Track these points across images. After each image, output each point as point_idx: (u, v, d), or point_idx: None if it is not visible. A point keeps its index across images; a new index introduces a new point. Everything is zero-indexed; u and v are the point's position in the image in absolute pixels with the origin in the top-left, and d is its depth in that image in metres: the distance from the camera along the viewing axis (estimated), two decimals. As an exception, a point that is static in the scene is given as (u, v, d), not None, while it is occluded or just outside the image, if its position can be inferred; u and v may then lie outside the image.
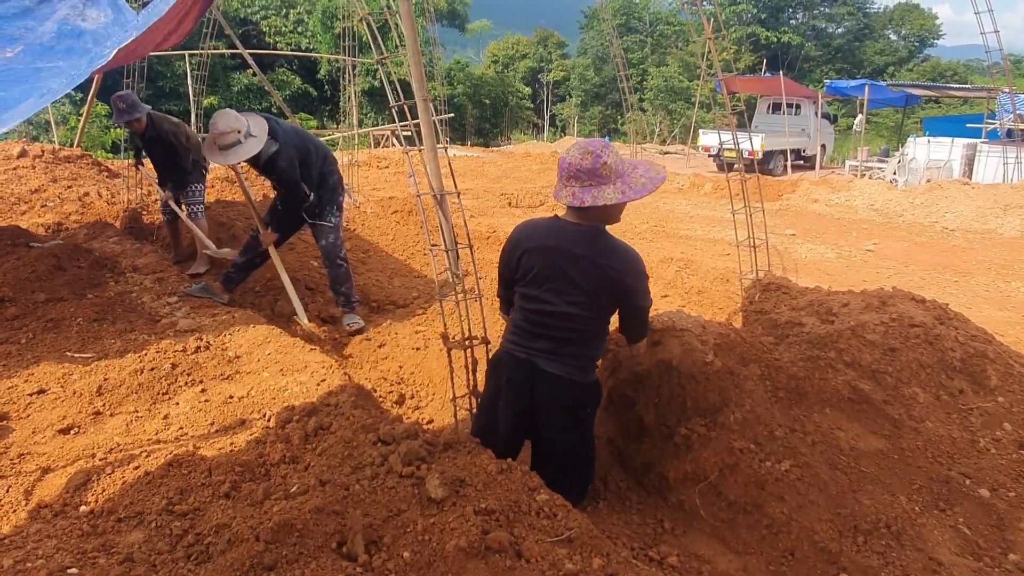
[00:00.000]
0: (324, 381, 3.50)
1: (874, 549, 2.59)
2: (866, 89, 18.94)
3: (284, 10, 30.42)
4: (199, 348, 4.01)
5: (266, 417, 3.21)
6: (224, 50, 19.81)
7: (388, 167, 16.58)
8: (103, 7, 4.88)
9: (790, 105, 19.70)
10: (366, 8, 3.48)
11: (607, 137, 31.14)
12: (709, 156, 19.77)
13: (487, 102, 36.07)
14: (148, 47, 5.58)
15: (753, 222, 5.19)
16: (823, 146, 20.05)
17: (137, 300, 4.80)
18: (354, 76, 13.12)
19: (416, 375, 4.53)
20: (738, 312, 4.98)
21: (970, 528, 2.71)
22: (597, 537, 2.18)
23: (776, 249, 8.29)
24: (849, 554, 2.56)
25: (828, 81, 24.07)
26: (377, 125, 25.30)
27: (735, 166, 5.47)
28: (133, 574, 2.03)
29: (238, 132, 4.54)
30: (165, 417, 3.30)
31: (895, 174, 16.11)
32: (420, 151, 3.34)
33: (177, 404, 3.44)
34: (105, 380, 3.61)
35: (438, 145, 3.33)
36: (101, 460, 2.90)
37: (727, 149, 11.08)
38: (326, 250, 5.18)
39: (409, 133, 3.41)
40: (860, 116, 20.43)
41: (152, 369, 3.73)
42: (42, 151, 9.08)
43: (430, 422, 4.07)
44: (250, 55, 10.61)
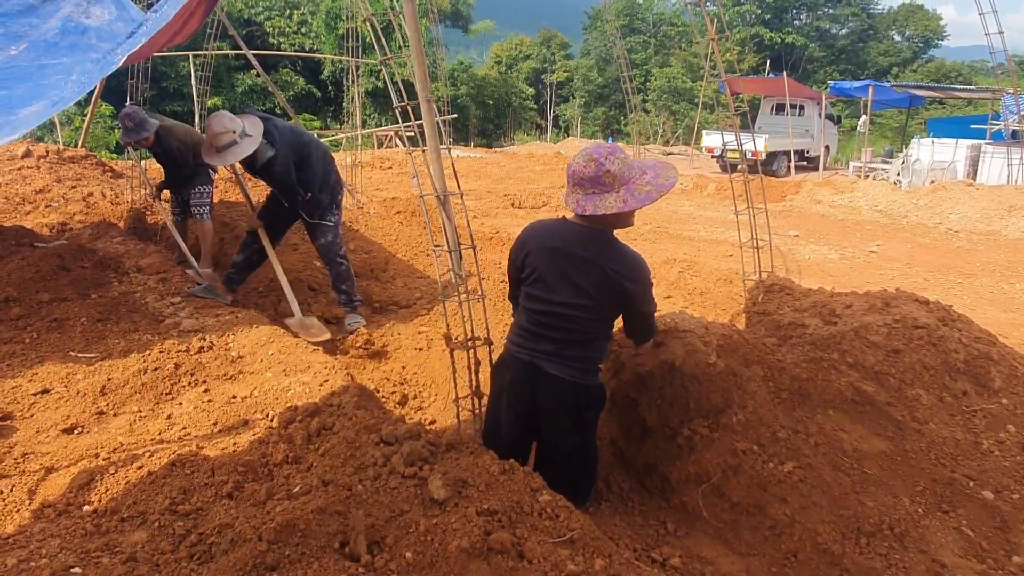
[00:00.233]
0: (327, 381, 3.50)
1: (877, 551, 2.58)
2: (870, 90, 18.91)
3: (288, 11, 30.46)
4: (202, 348, 4.02)
5: (269, 417, 3.22)
6: (228, 51, 19.85)
7: (391, 168, 16.59)
8: (106, 4, 4.89)
9: (794, 106, 19.66)
10: (370, 9, 3.48)
11: (610, 138, 31.13)
12: (712, 157, 19.74)
13: (490, 103, 36.08)
14: (154, 47, 5.60)
15: (756, 223, 5.18)
16: (827, 147, 20.02)
17: (141, 300, 4.81)
18: (358, 77, 13.16)
19: (419, 376, 4.53)
20: (741, 313, 4.97)
21: (973, 530, 2.71)
22: (599, 538, 2.18)
23: (779, 250, 8.28)
24: (852, 556, 2.56)
25: (832, 82, 24.03)
26: (380, 126, 25.33)
27: (738, 167, 5.47)
28: (136, 574, 2.04)
29: (233, 132, 4.59)
30: (168, 417, 3.31)
31: (899, 175, 16.07)
32: (423, 152, 3.35)
33: (180, 404, 3.45)
34: (109, 380, 3.62)
35: (441, 146, 3.33)
36: (104, 460, 2.91)
37: (730, 150, 11.07)
38: (325, 248, 5.19)
39: (412, 134, 3.41)
40: (864, 117, 20.38)
41: (155, 369, 3.74)
42: (46, 151, 9.10)
43: (433, 423, 4.07)
44: (254, 56, 10.63)
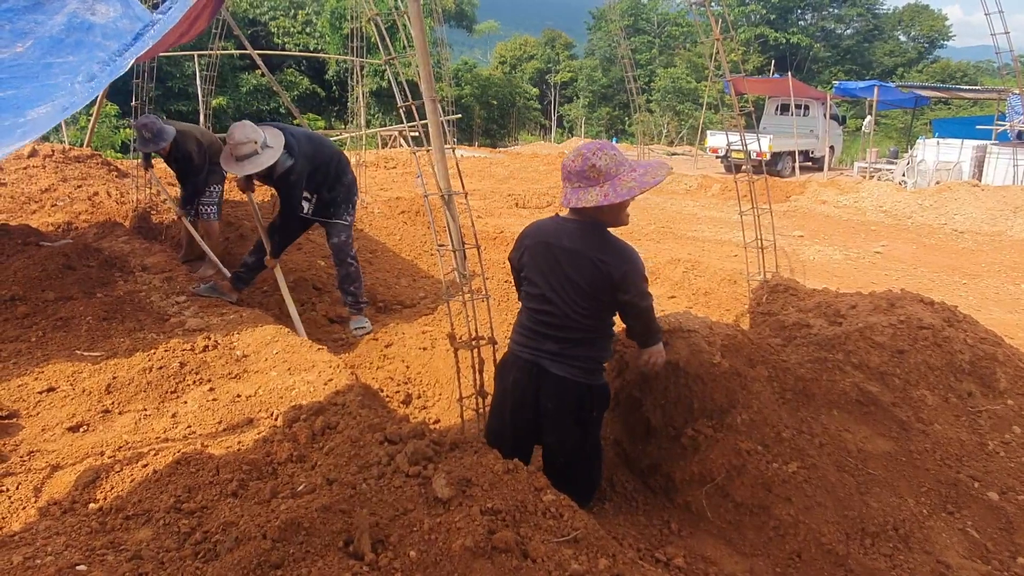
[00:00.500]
0: (331, 380, 3.50)
1: (881, 552, 2.58)
2: (875, 90, 18.89)
3: (293, 11, 30.53)
4: (207, 347, 4.03)
5: (273, 416, 3.22)
6: (233, 51, 19.89)
7: (395, 167, 16.61)
8: (112, 2, 4.90)
9: (798, 106, 19.62)
10: (375, 9, 3.49)
11: (614, 139, 31.10)
12: (717, 157, 19.72)
13: (494, 103, 36.08)
14: (161, 48, 5.61)
15: (761, 223, 5.17)
16: (831, 147, 19.98)
17: (146, 299, 4.83)
18: (362, 77, 13.17)
19: (423, 375, 4.53)
20: (745, 313, 4.96)
21: (978, 531, 2.70)
22: (603, 538, 2.18)
23: (784, 251, 8.26)
24: (856, 556, 2.55)
25: (837, 82, 24.00)
26: (385, 126, 25.35)
27: (743, 167, 5.45)
28: (141, 571, 2.04)
29: (255, 143, 4.59)
30: (173, 415, 3.32)
31: (904, 176, 16.03)
32: (428, 151, 3.35)
33: (185, 403, 3.46)
34: (114, 378, 3.63)
35: (446, 146, 3.34)
36: (110, 458, 2.91)
37: (735, 150, 11.04)
38: (337, 248, 5.21)
39: (417, 134, 3.42)
40: (869, 117, 20.32)
41: (160, 368, 3.75)
42: (52, 151, 9.13)
43: (436, 422, 4.07)
44: (259, 56, 10.64)
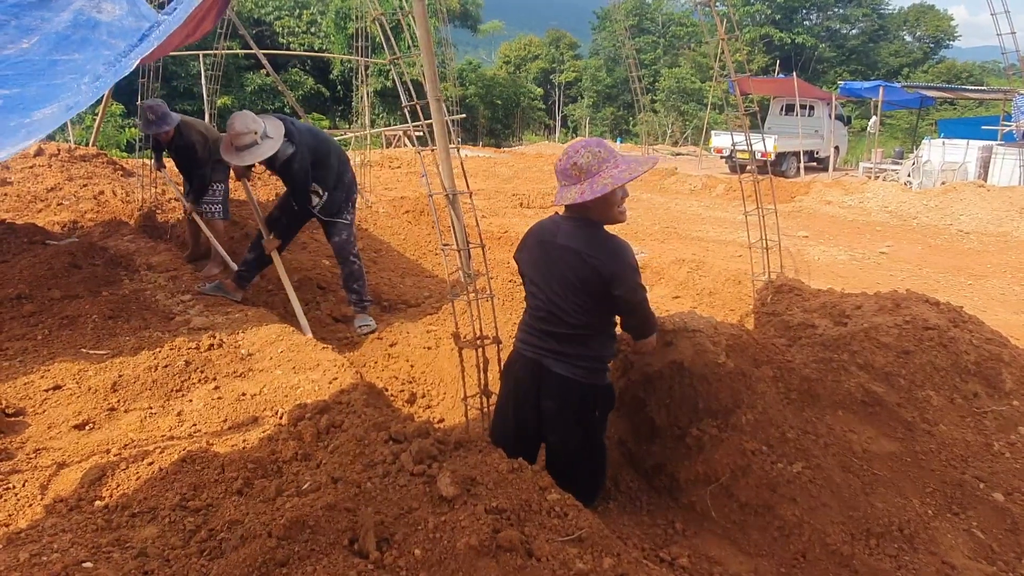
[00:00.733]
0: (336, 379, 3.51)
1: (886, 552, 2.57)
2: (880, 90, 18.81)
3: (297, 11, 30.58)
4: (212, 346, 4.04)
5: (278, 414, 3.23)
6: (238, 50, 19.93)
7: (400, 167, 16.63)
8: (118, 0, 4.90)
9: (803, 106, 19.58)
10: (379, 9, 3.49)
11: (618, 139, 31.05)
12: (721, 158, 19.68)
13: (499, 103, 36.07)
14: (168, 48, 5.62)
15: (765, 224, 5.16)
16: (836, 148, 19.91)
17: (151, 298, 4.84)
18: (367, 76, 13.17)
19: (427, 374, 4.53)
20: (750, 314, 4.96)
21: (984, 532, 2.69)
22: (608, 537, 2.18)
23: (789, 251, 8.24)
24: (861, 557, 2.55)
25: (842, 82, 23.92)
26: (389, 125, 25.37)
27: (748, 168, 5.44)
28: (147, 568, 2.05)
29: (255, 133, 4.59)
30: (179, 414, 3.33)
31: (909, 176, 15.99)
32: (433, 151, 3.35)
33: (190, 401, 3.47)
34: (120, 376, 3.64)
35: (451, 145, 3.34)
36: (116, 456, 2.92)
37: (740, 151, 11.03)
38: (339, 247, 5.21)
39: (421, 133, 3.42)
40: (874, 118, 20.28)
41: (166, 366, 3.76)
42: (58, 150, 9.17)
43: (441, 421, 4.08)
44: (264, 55, 10.67)
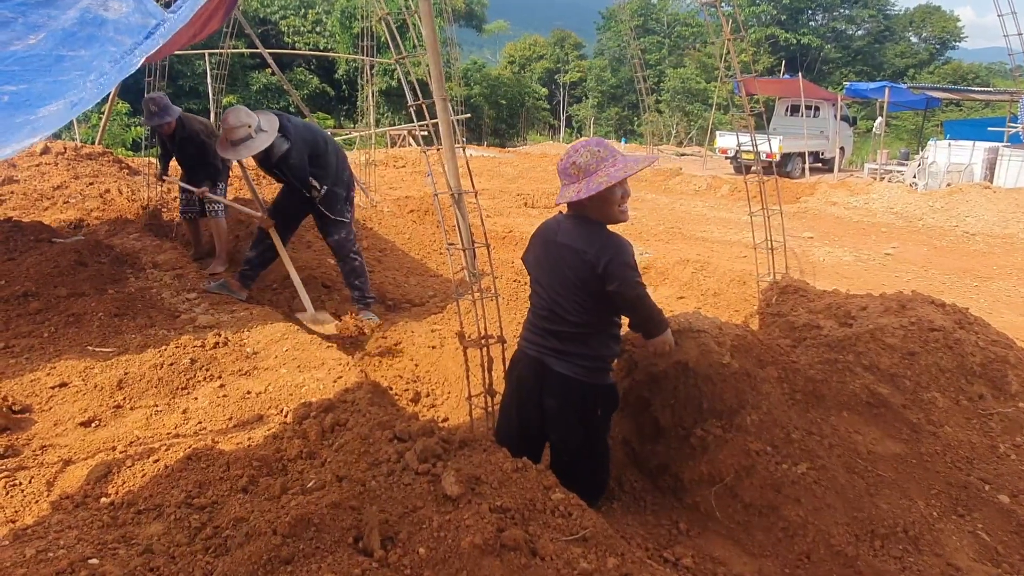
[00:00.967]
0: (341, 378, 3.52)
1: (891, 554, 2.57)
2: (886, 91, 18.78)
3: (303, 10, 30.64)
4: (217, 344, 4.05)
5: (283, 413, 3.24)
6: (244, 49, 19.97)
7: (404, 166, 16.65)
8: (125, -2, 4.92)
9: (809, 107, 19.53)
10: (385, 8, 3.50)
11: (623, 139, 31.03)
12: (726, 158, 19.67)
13: (504, 103, 36.10)
14: (174, 47, 5.63)
15: (770, 224, 5.15)
16: (842, 149, 19.88)
17: (157, 296, 4.86)
18: (372, 76, 13.19)
19: (432, 373, 4.54)
20: (755, 314, 4.95)
21: (989, 534, 2.69)
22: (612, 537, 2.18)
23: (793, 252, 8.23)
24: (866, 558, 2.54)
25: (847, 83, 23.88)
26: (394, 125, 25.40)
27: (752, 168, 5.44)
28: (152, 565, 2.06)
29: (249, 127, 4.63)
30: (184, 411, 3.34)
31: (915, 177, 15.94)
32: (438, 150, 3.36)
33: (196, 399, 3.48)
34: (125, 374, 3.66)
35: (456, 145, 3.34)
36: (121, 453, 2.94)
37: (745, 151, 11.00)
38: (338, 244, 5.22)
39: (426, 133, 3.43)
40: (880, 119, 20.22)
41: (171, 364, 3.77)
42: (64, 148, 9.20)
43: (445, 420, 4.08)
44: (269, 55, 10.70)
